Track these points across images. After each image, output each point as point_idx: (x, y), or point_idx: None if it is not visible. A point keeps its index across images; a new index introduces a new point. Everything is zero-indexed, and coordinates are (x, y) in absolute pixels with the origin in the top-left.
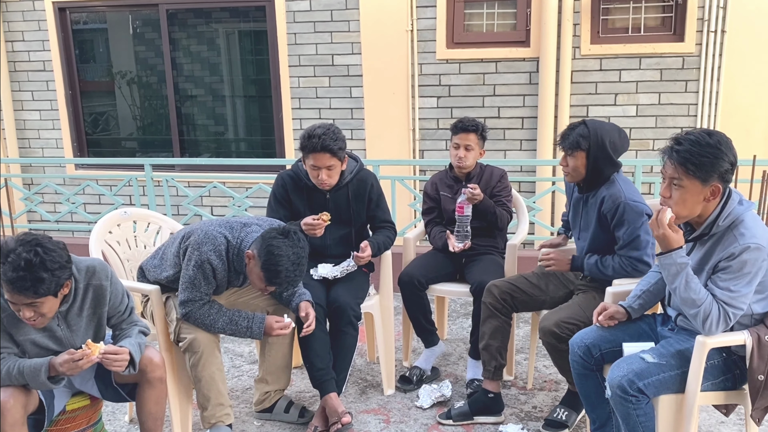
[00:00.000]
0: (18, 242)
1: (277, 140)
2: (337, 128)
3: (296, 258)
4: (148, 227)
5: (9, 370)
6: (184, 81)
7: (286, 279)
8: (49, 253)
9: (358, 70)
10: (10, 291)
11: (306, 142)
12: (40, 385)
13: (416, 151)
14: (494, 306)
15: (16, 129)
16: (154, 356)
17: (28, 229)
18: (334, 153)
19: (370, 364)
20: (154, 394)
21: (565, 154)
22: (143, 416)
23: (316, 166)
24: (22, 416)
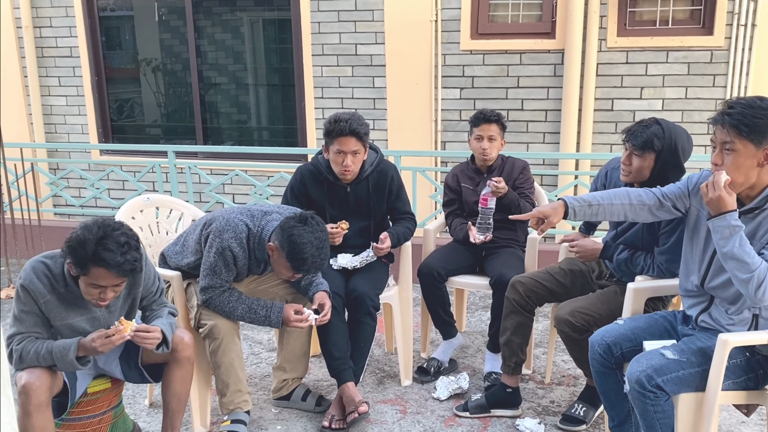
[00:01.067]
0: (103, 228)
1: (299, 129)
2: (361, 115)
3: (319, 242)
4: (170, 213)
5: (38, 350)
6: (208, 69)
7: (313, 264)
8: (130, 233)
9: (382, 60)
10: (116, 274)
11: (332, 126)
12: (67, 365)
13: (438, 142)
14: (518, 302)
15: (43, 114)
16: (184, 336)
17: (53, 213)
18: (361, 137)
19: (388, 354)
20: (181, 374)
21: (631, 152)
22: (168, 396)
23: (342, 150)
24: (47, 398)
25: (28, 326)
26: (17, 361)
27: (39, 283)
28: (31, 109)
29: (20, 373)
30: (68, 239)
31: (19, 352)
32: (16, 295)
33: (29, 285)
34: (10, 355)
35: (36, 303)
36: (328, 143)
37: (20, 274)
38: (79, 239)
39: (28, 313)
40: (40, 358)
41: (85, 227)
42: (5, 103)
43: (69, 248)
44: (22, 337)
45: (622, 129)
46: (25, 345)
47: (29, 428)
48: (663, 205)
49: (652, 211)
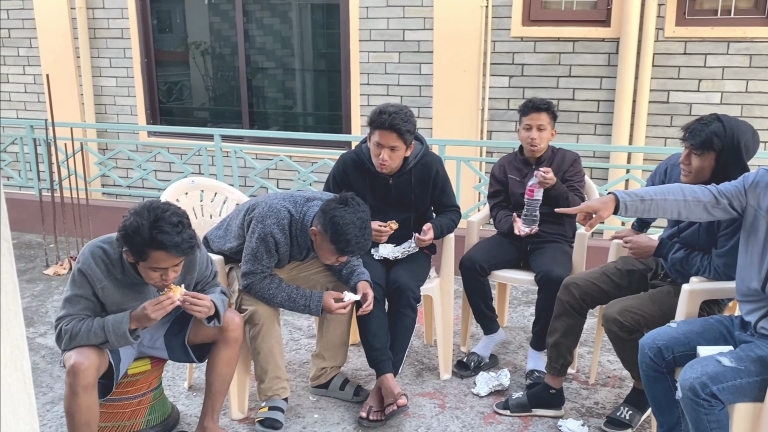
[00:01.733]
0: (154, 211)
1: (343, 116)
2: (410, 111)
3: (361, 223)
4: (214, 197)
5: (89, 327)
6: (256, 53)
7: (357, 245)
8: (180, 211)
9: (429, 47)
10: (176, 254)
11: (375, 117)
12: (119, 339)
13: (484, 131)
14: (571, 305)
15: (94, 95)
16: (235, 317)
17: (101, 193)
18: (401, 134)
19: (427, 346)
20: (228, 355)
21: (690, 151)
22: (212, 377)
23: (380, 143)
24: (94, 378)
25: (78, 309)
26: (67, 341)
27: (96, 269)
28: (83, 90)
29: (69, 353)
30: (121, 228)
31: (69, 331)
32: (72, 278)
33: (87, 270)
34: (59, 335)
35: (92, 288)
36: (370, 133)
37: (78, 258)
38: (133, 226)
39: (81, 297)
40: (92, 335)
41: (136, 213)
42: (58, 83)
43: (124, 237)
44: (72, 317)
45: (678, 123)
46: (74, 324)
47: (76, 408)
48: (719, 202)
49: (708, 209)
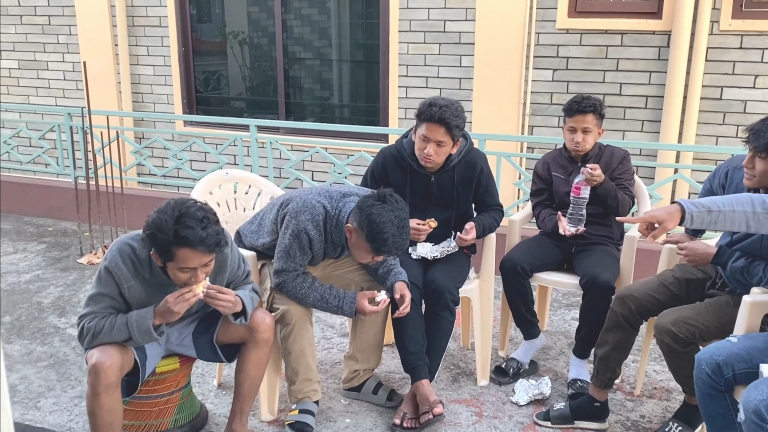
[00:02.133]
0: (178, 207)
1: (381, 108)
2: (461, 107)
3: (399, 221)
4: (248, 190)
5: (112, 324)
6: (294, 43)
7: (394, 245)
8: (207, 207)
9: (470, 38)
10: (203, 251)
11: (424, 109)
12: (144, 335)
13: (525, 126)
14: (626, 318)
15: (131, 83)
16: (266, 317)
17: (136, 182)
18: (450, 129)
19: (464, 350)
20: (257, 357)
21: (755, 154)
22: (241, 378)
23: (426, 137)
24: (117, 378)
25: (101, 308)
26: (89, 339)
27: (124, 267)
28: (120, 78)
29: (91, 351)
30: (146, 227)
31: (92, 329)
32: (98, 275)
33: (114, 268)
34: (81, 333)
35: (118, 287)
36: (416, 125)
37: (105, 254)
38: (156, 223)
39: (106, 296)
40: (114, 332)
41: (159, 211)
42: (96, 71)
43: (149, 236)
44: (94, 315)
45: (731, 121)
46: (97, 321)
47: (97, 409)
48: None
49: None
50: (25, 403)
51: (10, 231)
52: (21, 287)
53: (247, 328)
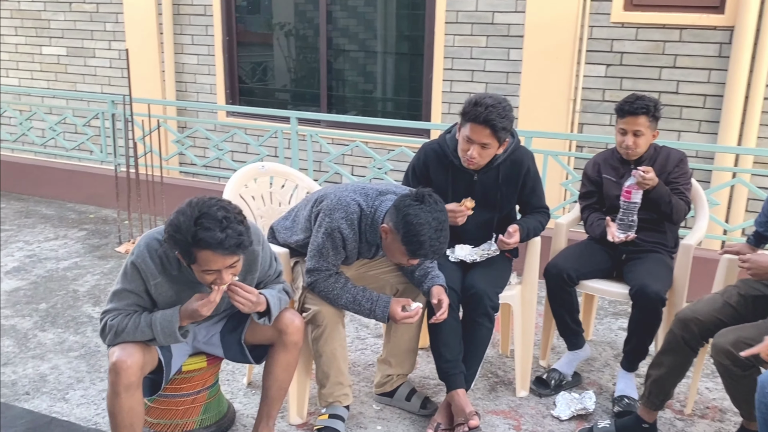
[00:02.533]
0: (198, 207)
1: (424, 102)
2: (509, 106)
3: (437, 224)
4: (285, 184)
5: (136, 323)
6: (338, 35)
7: (431, 248)
8: (230, 206)
9: (520, 30)
10: (223, 253)
11: (469, 109)
12: (168, 337)
13: (575, 124)
14: (687, 341)
15: (175, 72)
16: (295, 319)
17: (178, 172)
18: (496, 131)
19: (503, 357)
20: (286, 360)
21: None
22: (269, 381)
23: (470, 138)
24: (138, 378)
25: (125, 305)
26: (111, 337)
27: (151, 263)
28: (165, 66)
29: (112, 349)
30: (166, 227)
31: (114, 327)
32: (124, 270)
33: (141, 264)
34: (103, 330)
35: (144, 283)
36: (461, 123)
37: (132, 249)
38: (175, 225)
39: (131, 292)
40: (138, 332)
41: (179, 211)
42: (141, 59)
43: (169, 238)
44: (118, 312)
45: None
46: (120, 320)
47: (117, 409)
48: None
49: None
50: (53, 394)
51: (52, 217)
52: (59, 274)
53: (275, 330)
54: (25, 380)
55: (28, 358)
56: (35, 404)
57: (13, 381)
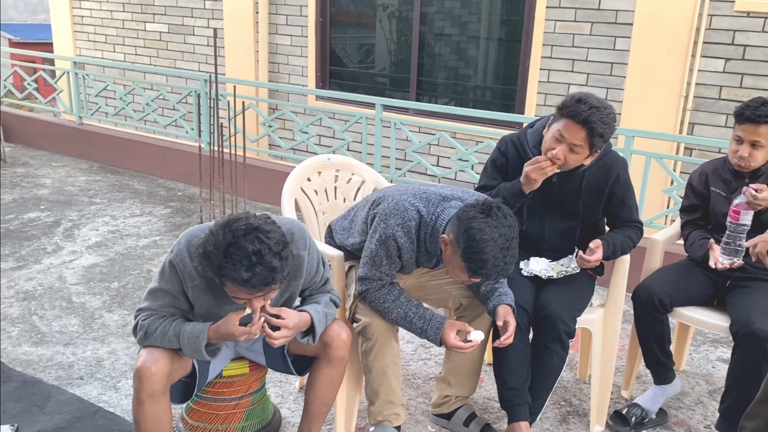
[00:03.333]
0: (231, 232)
1: (518, 92)
2: (614, 114)
3: (504, 241)
4: (351, 178)
5: (164, 331)
6: (432, 19)
7: (495, 269)
8: (270, 235)
9: (629, 18)
10: (246, 290)
11: (570, 104)
12: (194, 353)
13: (685, 123)
14: None
15: (269, 53)
16: (341, 332)
17: (264, 154)
18: (592, 136)
19: (580, 382)
20: (330, 375)
21: None
22: (311, 397)
23: (562, 136)
24: (163, 386)
25: (160, 305)
26: (141, 337)
27: (190, 264)
28: (259, 47)
29: (140, 352)
30: (198, 246)
31: (145, 328)
32: (162, 269)
33: (179, 264)
34: (135, 328)
35: (181, 284)
36: (554, 118)
37: (173, 247)
38: (206, 251)
39: (167, 292)
40: (165, 340)
41: (213, 232)
42: (236, 39)
43: (198, 256)
44: (151, 312)
45: None
46: (151, 322)
47: (141, 417)
48: None
49: None
50: (106, 381)
51: (142, 192)
52: (137, 252)
53: (320, 342)
54: (82, 363)
55: (89, 340)
56: (86, 390)
57: (71, 363)
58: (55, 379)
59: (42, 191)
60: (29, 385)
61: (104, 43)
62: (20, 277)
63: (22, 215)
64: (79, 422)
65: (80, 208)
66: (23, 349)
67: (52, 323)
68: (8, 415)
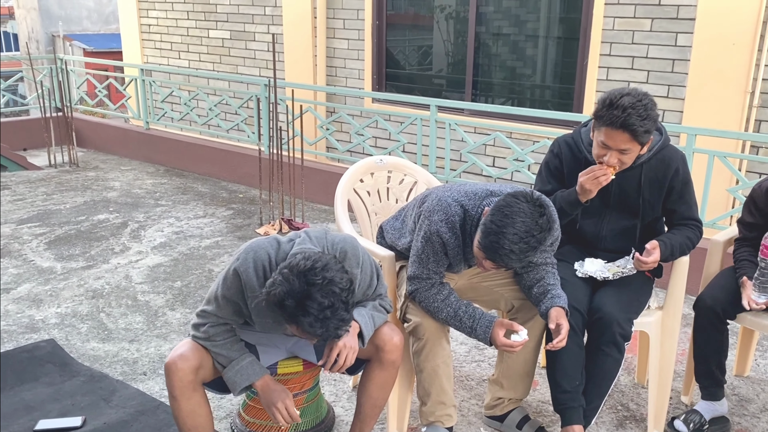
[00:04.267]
0: (307, 284)
1: (576, 91)
2: (651, 101)
3: (527, 228)
4: (403, 179)
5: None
6: (487, 19)
7: (511, 254)
8: (341, 286)
9: (691, 12)
10: (313, 337)
11: (604, 112)
12: (231, 384)
13: (751, 121)
14: None
15: (327, 57)
16: (394, 336)
17: (323, 156)
18: (636, 136)
19: (638, 387)
20: (382, 378)
21: None
22: (363, 398)
23: (605, 144)
24: (192, 381)
25: (224, 312)
26: (201, 340)
27: (253, 276)
28: (317, 51)
29: (176, 347)
30: (269, 288)
31: (209, 336)
32: (225, 276)
33: (243, 273)
34: (197, 327)
35: (243, 294)
36: (594, 125)
37: (239, 255)
38: (279, 298)
39: (230, 301)
40: (222, 353)
41: (287, 279)
42: (295, 44)
43: (271, 301)
44: (218, 320)
45: None
46: (218, 333)
47: (177, 412)
48: None
49: None
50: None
51: (205, 194)
52: (199, 252)
53: (372, 345)
54: (146, 359)
55: (152, 337)
56: (149, 386)
57: (135, 359)
58: (120, 374)
59: (111, 194)
60: (96, 380)
61: (170, 51)
62: (90, 276)
63: (93, 217)
64: (142, 416)
65: (146, 210)
66: (91, 345)
67: (118, 320)
68: (77, 407)
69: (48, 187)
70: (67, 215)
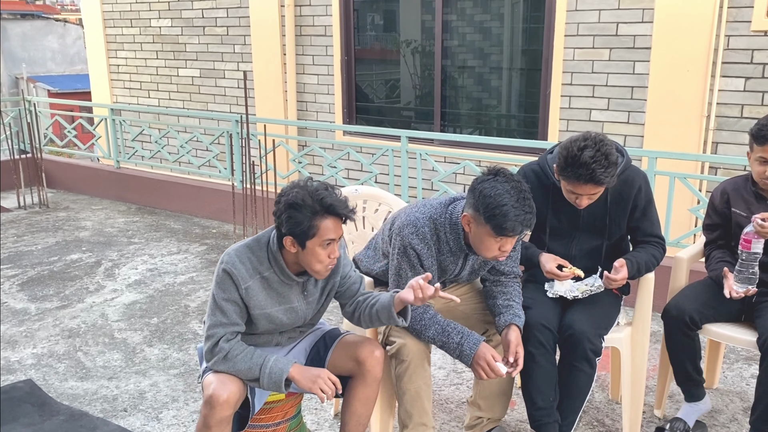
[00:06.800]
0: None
1: (540, 119)
2: (609, 145)
3: (517, 193)
4: (378, 208)
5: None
6: (453, 52)
7: (517, 219)
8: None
9: (647, 42)
10: (344, 212)
11: (568, 171)
12: (272, 384)
13: (708, 143)
14: None
15: (297, 92)
16: (375, 351)
17: None
18: (603, 184)
19: (612, 403)
20: (365, 394)
21: None
22: (347, 415)
23: (575, 193)
24: (230, 415)
25: (230, 317)
26: (220, 360)
27: (242, 267)
28: (287, 87)
29: (209, 378)
30: (284, 207)
31: (227, 350)
32: (217, 280)
33: (231, 269)
34: (213, 347)
35: (237, 289)
36: (559, 175)
37: (222, 258)
38: (295, 203)
39: (229, 301)
40: (247, 365)
41: (286, 193)
42: (265, 80)
43: (289, 218)
44: (226, 328)
45: None
46: (234, 345)
47: None
48: None
49: None
50: (148, 412)
51: (178, 231)
52: (174, 289)
53: (354, 362)
54: (126, 396)
55: (131, 374)
56: (130, 422)
57: (115, 396)
58: (100, 412)
59: (83, 233)
60: (76, 418)
61: (139, 90)
62: (65, 315)
63: (65, 257)
64: None
65: (120, 248)
66: (70, 383)
67: (96, 358)
68: None
69: (18, 229)
70: (39, 256)
